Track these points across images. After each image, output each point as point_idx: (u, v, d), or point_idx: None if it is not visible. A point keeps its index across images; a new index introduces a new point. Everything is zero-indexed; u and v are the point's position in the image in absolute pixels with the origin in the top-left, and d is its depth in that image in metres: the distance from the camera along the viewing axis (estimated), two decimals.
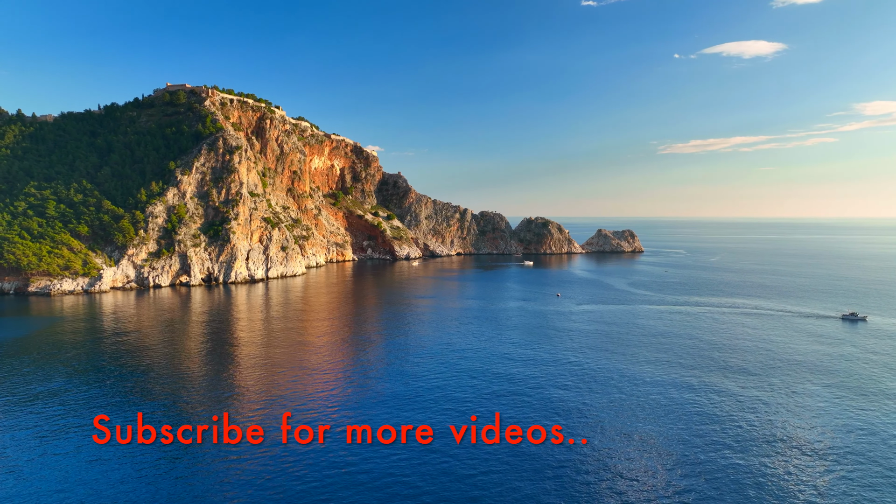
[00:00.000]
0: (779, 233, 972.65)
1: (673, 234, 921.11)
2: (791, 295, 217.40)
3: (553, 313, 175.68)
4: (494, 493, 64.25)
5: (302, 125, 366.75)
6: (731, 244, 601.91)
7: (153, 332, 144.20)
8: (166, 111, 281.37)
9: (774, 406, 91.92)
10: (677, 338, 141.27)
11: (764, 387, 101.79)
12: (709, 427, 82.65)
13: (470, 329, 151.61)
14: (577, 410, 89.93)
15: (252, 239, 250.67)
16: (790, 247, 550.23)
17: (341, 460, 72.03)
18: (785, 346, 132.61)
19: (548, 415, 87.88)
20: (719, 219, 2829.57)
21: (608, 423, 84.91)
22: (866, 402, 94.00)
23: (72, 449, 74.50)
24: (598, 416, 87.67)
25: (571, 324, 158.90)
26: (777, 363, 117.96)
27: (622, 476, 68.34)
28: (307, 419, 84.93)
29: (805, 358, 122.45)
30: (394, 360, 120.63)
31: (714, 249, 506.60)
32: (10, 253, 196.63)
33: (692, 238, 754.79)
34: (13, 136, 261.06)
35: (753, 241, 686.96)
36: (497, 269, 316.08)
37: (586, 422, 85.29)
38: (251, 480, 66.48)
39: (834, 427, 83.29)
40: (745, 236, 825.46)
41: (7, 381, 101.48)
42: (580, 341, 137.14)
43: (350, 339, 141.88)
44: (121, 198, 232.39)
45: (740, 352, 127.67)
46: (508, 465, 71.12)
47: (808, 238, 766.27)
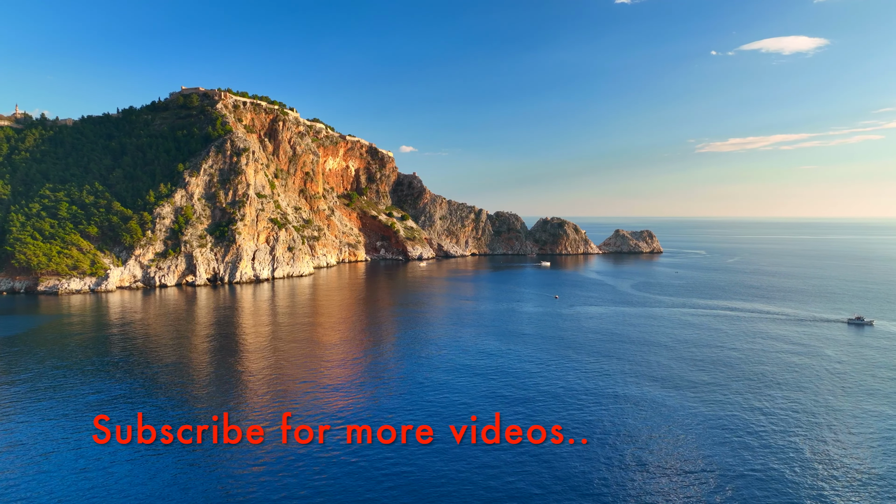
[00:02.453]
0: (815, 233, 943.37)
1: (704, 234, 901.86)
2: (797, 298, 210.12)
3: (545, 315, 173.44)
4: (495, 494, 64.41)
5: (316, 126, 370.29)
6: (757, 245, 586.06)
7: (153, 330, 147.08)
8: (179, 114, 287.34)
9: (742, 405, 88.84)
10: (660, 341, 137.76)
11: (731, 391, 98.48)
12: (701, 427, 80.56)
13: (468, 331, 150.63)
14: (577, 411, 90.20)
15: (259, 239, 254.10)
16: (819, 247, 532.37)
17: (341, 460, 72.40)
18: (767, 351, 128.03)
19: (548, 414, 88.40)
20: (758, 218, 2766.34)
21: (608, 423, 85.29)
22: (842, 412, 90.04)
23: (70, 450, 75.08)
24: (597, 416, 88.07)
25: (561, 326, 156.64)
26: (745, 368, 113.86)
27: (621, 475, 68.35)
28: (307, 419, 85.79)
29: (785, 367, 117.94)
30: (392, 360, 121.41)
31: (736, 250, 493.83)
32: (22, 253, 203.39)
33: (722, 238, 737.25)
34: (33, 140, 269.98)
35: (783, 241, 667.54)
36: (510, 269, 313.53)
37: (587, 421, 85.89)
38: (251, 480, 66.86)
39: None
40: (777, 236, 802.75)
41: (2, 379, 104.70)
42: (562, 343, 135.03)
43: (349, 338, 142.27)
44: (131, 199, 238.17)
45: (717, 355, 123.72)
46: (508, 464, 71.54)
47: (844, 238, 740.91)
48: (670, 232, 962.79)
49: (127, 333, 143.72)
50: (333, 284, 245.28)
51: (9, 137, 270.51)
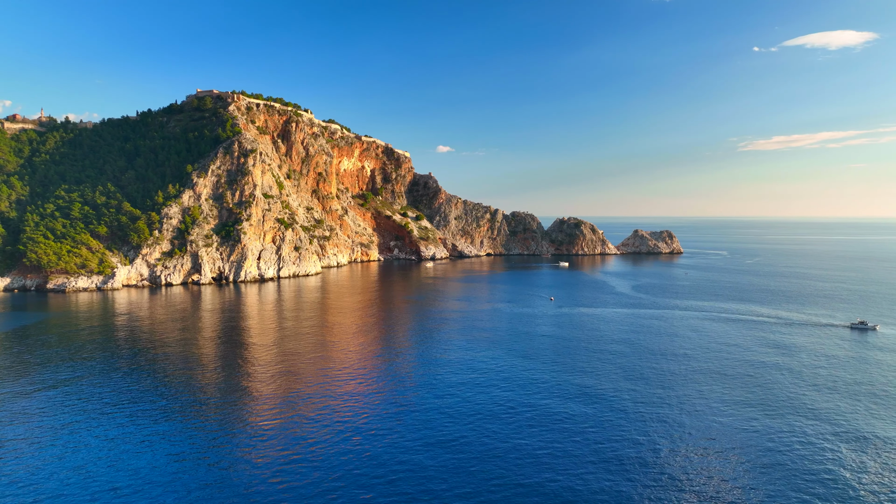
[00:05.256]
0: (856, 234, 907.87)
1: (737, 234, 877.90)
2: (805, 301, 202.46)
3: (532, 315, 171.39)
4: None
5: (332, 127, 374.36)
6: (787, 245, 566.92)
7: (150, 326, 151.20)
8: (193, 116, 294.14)
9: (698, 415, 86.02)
10: (643, 343, 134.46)
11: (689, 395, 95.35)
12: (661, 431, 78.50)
13: (468, 335, 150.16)
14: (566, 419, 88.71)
15: (265, 239, 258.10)
16: (852, 248, 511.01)
17: (344, 461, 73.30)
18: (746, 352, 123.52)
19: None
20: (803, 218, 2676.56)
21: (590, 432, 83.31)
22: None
23: (77, 445, 77.10)
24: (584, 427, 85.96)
25: (543, 327, 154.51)
26: (699, 365, 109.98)
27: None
28: (314, 416, 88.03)
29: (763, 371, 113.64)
30: (388, 360, 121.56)
31: (759, 251, 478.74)
32: (33, 252, 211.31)
33: (753, 239, 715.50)
34: (54, 143, 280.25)
35: (817, 241, 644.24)
36: (526, 270, 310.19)
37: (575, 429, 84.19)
38: (252, 481, 67.58)
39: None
40: (812, 237, 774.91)
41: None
42: (544, 346, 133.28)
43: (346, 337, 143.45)
44: (141, 200, 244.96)
45: (690, 356, 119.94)
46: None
47: (884, 239, 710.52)
48: (703, 232, 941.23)
49: (128, 328, 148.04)
50: (334, 284, 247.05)
51: (31, 140, 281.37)
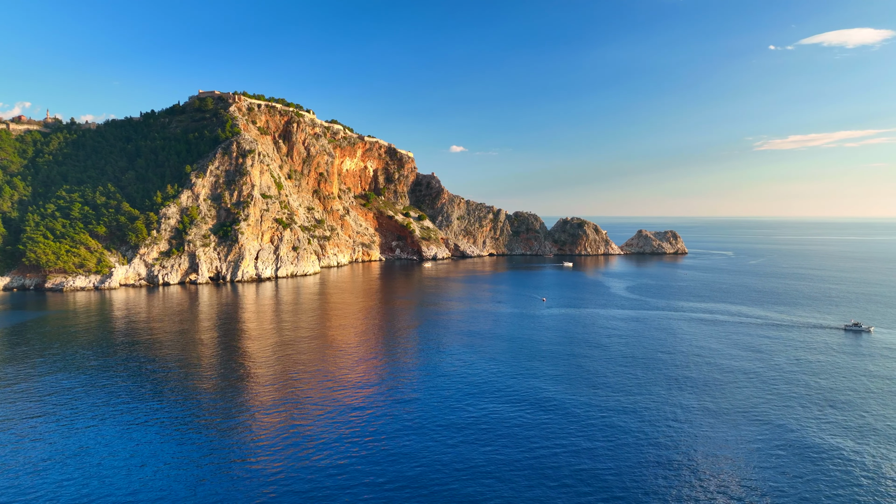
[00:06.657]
0: (870, 234, 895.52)
1: (748, 234, 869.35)
2: (799, 302, 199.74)
3: (519, 317, 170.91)
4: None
5: (334, 128, 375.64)
6: (795, 246, 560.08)
7: (146, 324, 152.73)
8: (195, 117, 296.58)
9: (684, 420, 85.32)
10: (628, 345, 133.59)
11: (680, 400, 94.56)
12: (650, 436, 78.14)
13: (464, 339, 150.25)
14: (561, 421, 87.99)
15: (263, 239, 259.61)
16: (862, 249, 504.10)
17: (344, 461, 73.52)
18: (724, 356, 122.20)
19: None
20: (821, 218, 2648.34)
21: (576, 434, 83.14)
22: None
23: (77, 448, 77.06)
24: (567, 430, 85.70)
25: (536, 329, 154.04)
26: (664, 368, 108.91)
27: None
28: (313, 418, 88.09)
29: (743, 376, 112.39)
30: (386, 358, 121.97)
31: (765, 251, 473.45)
32: (32, 251, 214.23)
33: (761, 239, 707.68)
34: (57, 143, 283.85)
35: (828, 242, 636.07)
36: (527, 271, 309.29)
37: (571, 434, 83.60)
38: (253, 480, 67.96)
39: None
40: (825, 237, 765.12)
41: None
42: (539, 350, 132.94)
43: (342, 336, 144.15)
44: (140, 200, 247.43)
45: (669, 359, 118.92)
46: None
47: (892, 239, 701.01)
48: (712, 232, 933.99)
49: (124, 326, 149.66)
50: (331, 285, 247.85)
51: (35, 141, 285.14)
